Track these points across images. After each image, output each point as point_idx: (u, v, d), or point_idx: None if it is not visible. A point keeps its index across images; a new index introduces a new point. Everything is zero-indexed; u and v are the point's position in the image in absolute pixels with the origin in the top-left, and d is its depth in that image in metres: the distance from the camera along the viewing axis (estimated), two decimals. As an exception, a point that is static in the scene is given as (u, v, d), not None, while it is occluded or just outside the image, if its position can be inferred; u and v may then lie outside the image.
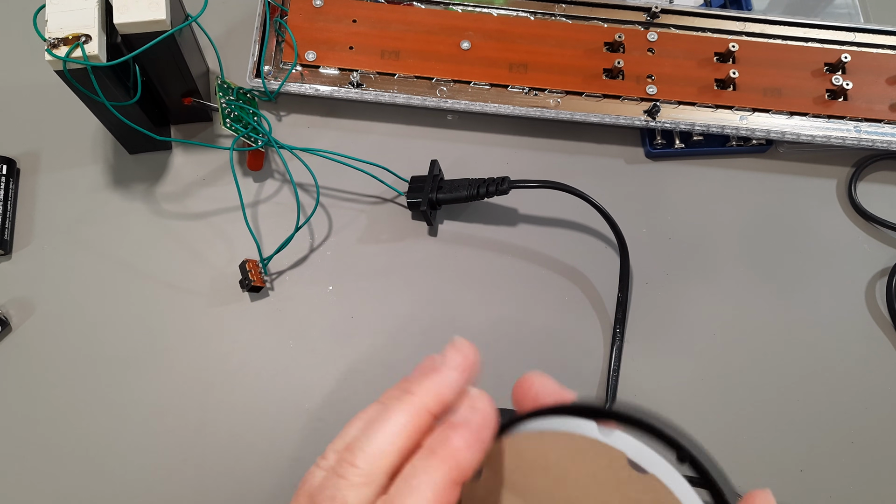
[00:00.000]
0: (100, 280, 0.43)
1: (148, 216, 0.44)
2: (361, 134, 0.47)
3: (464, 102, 0.45)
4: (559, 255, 0.45)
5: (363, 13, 0.46)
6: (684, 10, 0.47)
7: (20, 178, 0.45)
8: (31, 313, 0.42)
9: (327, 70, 0.45)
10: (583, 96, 0.45)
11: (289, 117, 0.47)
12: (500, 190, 0.42)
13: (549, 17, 0.47)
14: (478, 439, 0.21)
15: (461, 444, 0.20)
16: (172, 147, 0.46)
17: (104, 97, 0.36)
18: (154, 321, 0.42)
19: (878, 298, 0.45)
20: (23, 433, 0.40)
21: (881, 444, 0.41)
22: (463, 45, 0.45)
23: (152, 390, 0.41)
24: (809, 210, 0.46)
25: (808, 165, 0.47)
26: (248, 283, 0.41)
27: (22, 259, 0.43)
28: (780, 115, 0.46)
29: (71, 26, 0.35)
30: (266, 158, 0.45)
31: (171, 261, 0.43)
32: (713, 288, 0.44)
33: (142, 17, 0.36)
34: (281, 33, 0.45)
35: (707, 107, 0.45)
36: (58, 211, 0.44)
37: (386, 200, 0.45)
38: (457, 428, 0.21)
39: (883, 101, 0.46)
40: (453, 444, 0.20)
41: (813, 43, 0.47)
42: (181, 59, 0.40)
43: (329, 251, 0.44)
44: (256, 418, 0.40)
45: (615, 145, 0.47)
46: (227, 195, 0.44)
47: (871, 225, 0.46)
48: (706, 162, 0.47)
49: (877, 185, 0.47)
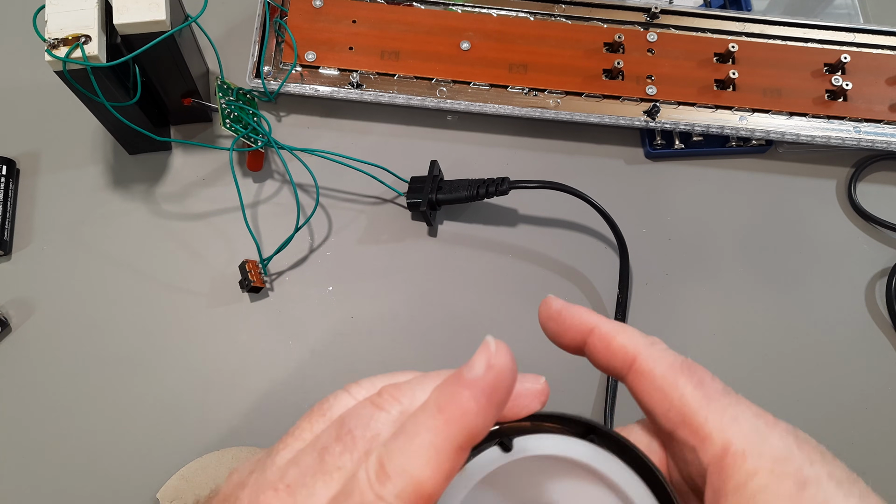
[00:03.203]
0: (100, 280, 0.43)
1: (148, 217, 0.44)
2: (361, 134, 0.47)
3: (463, 103, 0.45)
4: (559, 255, 0.45)
5: (363, 14, 0.46)
6: (684, 10, 0.47)
7: (20, 178, 0.45)
8: (30, 314, 0.42)
9: (327, 70, 0.45)
10: (582, 97, 0.45)
11: (288, 118, 0.47)
12: (499, 190, 0.42)
13: (548, 17, 0.47)
14: (490, 402, 0.18)
15: (472, 405, 0.18)
16: (172, 147, 0.46)
17: (104, 98, 0.36)
18: (154, 322, 0.42)
19: (877, 299, 0.45)
20: (23, 433, 0.40)
21: (881, 445, 0.41)
22: (463, 46, 0.45)
23: (152, 391, 0.41)
24: (809, 210, 0.46)
25: (808, 166, 0.47)
26: (248, 283, 0.41)
27: (22, 259, 0.43)
28: (779, 116, 0.46)
29: (71, 27, 0.35)
30: (266, 159, 0.45)
31: (171, 261, 0.43)
32: (713, 288, 0.44)
33: (141, 18, 0.36)
34: (281, 34, 0.45)
35: (707, 107, 0.45)
36: (57, 211, 0.44)
37: (386, 201, 0.45)
38: (469, 386, 0.18)
39: (882, 102, 0.46)
40: (463, 404, 0.18)
41: (812, 43, 0.47)
42: (181, 60, 0.40)
43: (329, 251, 0.44)
44: (256, 419, 0.40)
45: (615, 146, 0.47)
46: (227, 196, 0.44)
47: (871, 225, 0.46)
48: (706, 162, 0.47)
49: (876, 186, 0.47)
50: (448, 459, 0.18)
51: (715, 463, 0.20)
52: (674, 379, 0.21)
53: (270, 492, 0.19)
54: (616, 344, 0.22)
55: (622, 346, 0.22)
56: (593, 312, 0.23)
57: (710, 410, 0.20)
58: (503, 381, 0.18)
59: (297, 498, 0.19)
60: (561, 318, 0.24)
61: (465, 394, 0.18)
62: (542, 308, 0.25)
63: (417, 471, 0.17)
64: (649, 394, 0.22)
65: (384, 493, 0.17)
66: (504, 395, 0.18)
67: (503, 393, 0.18)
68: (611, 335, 0.23)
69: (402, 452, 0.18)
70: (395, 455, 0.18)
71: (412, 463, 0.17)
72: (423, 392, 0.20)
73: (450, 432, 0.18)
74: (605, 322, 0.23)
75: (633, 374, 0.22)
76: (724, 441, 0.20)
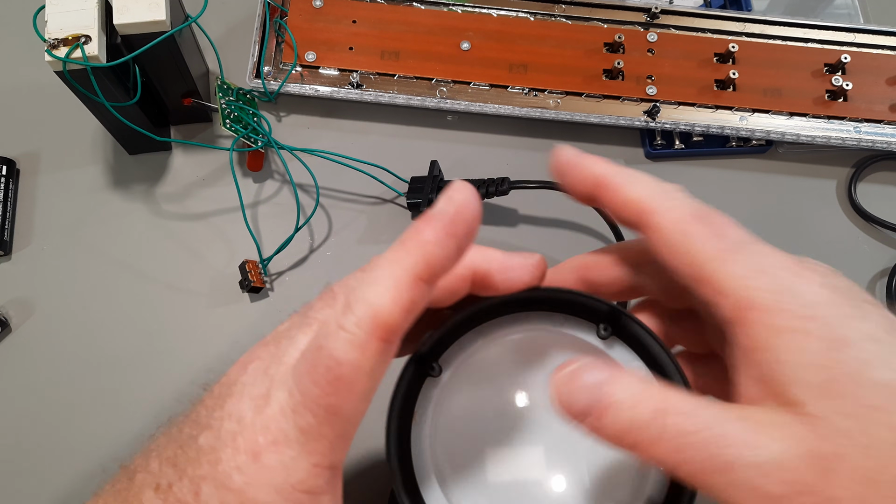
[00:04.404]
0: (99, 281, 0.43)
1: (148, 217, 0.44)
2: (361, 134, 0.47)
3: (464, 103, 0.45)
4: (559, 255, 0.44)
5: (363, 14, 0.46)
6: (684, 10, 0.47)
7: (20, 178, 0.45)
8: (30, 314, 0.42)
9: (327, 71, 0.45)
10: (583, 97, 0.45)
11: (288, 118, 0.47)
12: (500, 190, 0.42)
13: (548, 17, 0.47)
14: (450, 234, 0.18)
15: (430, 235, 0.18)
16: (172, 148, 0.46)
17: (104, 98, 0.36)
18: (154, 322, 0.42)
19: (878, 299, 0.44)
20: (22, 434, 0.40)
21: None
22: (463, 46, 0.45)
23: (152, 391, 0.40)
24: (809, 211, 0.46)
25: (808, 166, 0.47)
26: (248, 283, 0.41)
27: (21, 260, 0.43)
28: (779, 116, 0.46)
29: (71, 27, 0.35)
30: (266, 159, 0.45)
31: (171, 261, 0.43)
32: (713, 288, 0.44)
33: (142, 18, 0.36)
34: (281, 34, 0.45)
35: (707, 107, 0.45)
36: (57, 211, 0.44)
37: (386, 201, 0.45)
38: (429, 219, 0.18)
39: (883, 102, 0.46)
40: (422, 236, 0.18)
41: (813, 43, 0.47)
42: (181, 60, 0.40)
43: (329, 252, 0.44)
44: (256, 419, 0.40)
45: (615, 146, 0.47)
46: (227, 196, 0.44)
47: (871, 225, 0.46)
48: (706, 162, 0.47)
49: (877, 186, 0.47)
50: (407, 289, 0.18)
51: (735, 320, 0.18)
52: (686, 229, 0.20)
53: (261, 346, 0.21)
54: (625, 196, 0.21)
55: (633, 198, 0.21)
56: (604, 161, 0.22)
57: (730, 263, 0.18)
58: (462, 213, 0.18)
59: (281, 345, 0.21)
60: (570, 169, 0.22)
61: (425, 227, 0.18)
62: (551, 159, 0.23)
63: (376, 299, 0.18)
64: (663, 249, 0.20)
65: (345, 322, 0.18)
66: (463, 228, 0.18)
67: (462, 225, 0.18)
68: (620, 186, 0.21)
69: (363, 284, 0.18)
70: (358, 288, 0.18)
71: (371, 292, 0.18)
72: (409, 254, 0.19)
73: (408, 262, 0.18)
74: (616, 172, 0.21)
75: (647, 229, 0.20)
76: (745, 295, 0.18)
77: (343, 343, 0.17)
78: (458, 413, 0.23)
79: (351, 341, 0.17)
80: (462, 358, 0.23)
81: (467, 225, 0.19)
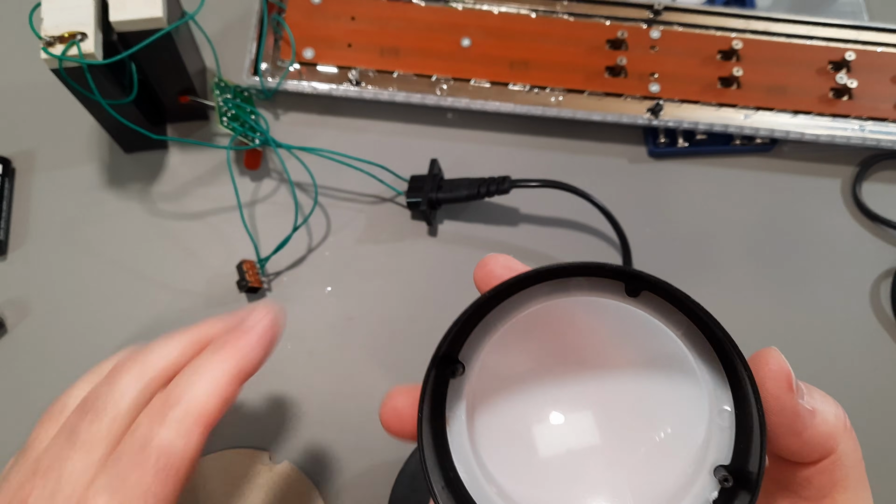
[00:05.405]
0: (96, 280, 0.42)
1: (144, 216, 0.44)
2: (360, 132, 0.46)
3: (464, 100, 0.44)
4: (561, 255, 0.44)
5: (362, 10, 0.45)
6: (687, 7, 0.47)
7: (15, 177, 0.44)
8: (26, 314, 0.41)
9: (325, 68, 0.45)
10: (585, 94, 0.45)
11: (286, 116, 0.46)
12: (500, 189, 0.42)
13: (550, 14, 0.46)
14: (263, 342, 0.22)
15: (247, 343, 0.21)
16: (169, 146, 0.45)
17: (100, 95, 0.36)
18: (150, 322, 0.42)
19: (882, 299, 0.44)
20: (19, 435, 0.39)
21: (884, 445, 0.41)
22: (463, 43, 0.45)
23: (149, 392, 0.40)
24: (814, 210, 0.46)
25: (813, 165, 0.47)
26: (246, 283, 0.41)
27: (17, 259, 0.43)
28: (784, 114, 0.45)
29: (67, 24, 0.34)
30: (263, 157, 0.45)
31: (168, 261, 0.43)
32: (717, 288, 0.44)
33: (138, 15, 0.36)
34: (279, 31, 0.45)
35: (710, 105, 0.45)
36: (53, 210, 0.44)
37: (385, 200, 0.45)
38: (245, 331, 0.22)
39: (888, 100, 0.45)
40: (240, 343, 0.21)
41: (817, 41, 0.47)
42: (178, 57, 0.39)
43: (327, 251, 0.44)
44: (254, 421, 0.40)
45: (618, 144, 0.47)
46: (224, 194, 0.44)
47: (876, 225, 0.46)
48: (710, 161, 0.47)
49: (882, 185, 0.47)
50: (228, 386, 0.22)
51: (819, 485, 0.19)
52: None
53: (27, 483, 0.21)
54: (814, 433, 0.20)
55: (822, 433, 0.20)
56: None
57: None
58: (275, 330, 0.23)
59: (49, 477, 0.21)
60: None
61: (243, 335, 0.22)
62: None
63: (195, 397, 0.21)
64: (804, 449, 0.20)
65: (170, 416, 0.21)
66: (274, 336, 0.23)
67: None
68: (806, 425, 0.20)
69: (182, 387, 0.21)
70: (175, 390, 0.21)
71: (191, 391, 0.21)
72: (156, 355, 0.23)
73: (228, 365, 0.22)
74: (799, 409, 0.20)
75: None
76: None
77: (171, 433, 0.20)
78: (496, 411, 0.21)
79: (178, 430, 0.20)
80: (482, 347, 0.22)
81: (275, 336, 0.23)
